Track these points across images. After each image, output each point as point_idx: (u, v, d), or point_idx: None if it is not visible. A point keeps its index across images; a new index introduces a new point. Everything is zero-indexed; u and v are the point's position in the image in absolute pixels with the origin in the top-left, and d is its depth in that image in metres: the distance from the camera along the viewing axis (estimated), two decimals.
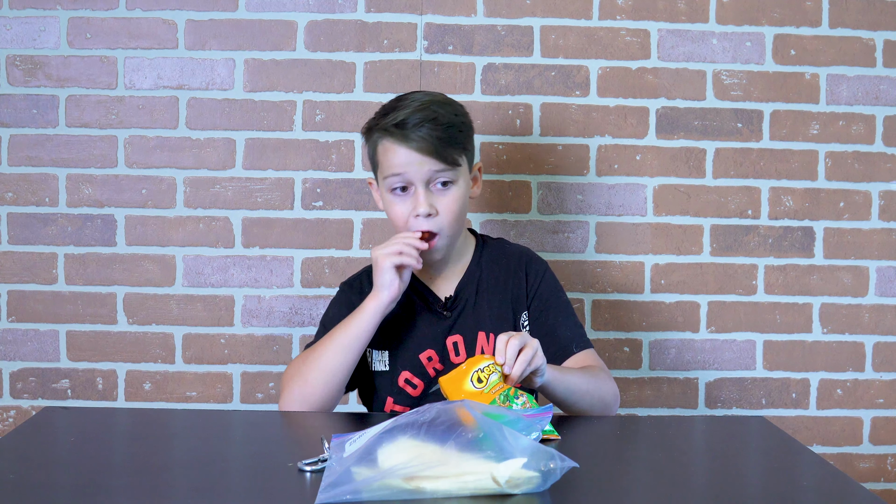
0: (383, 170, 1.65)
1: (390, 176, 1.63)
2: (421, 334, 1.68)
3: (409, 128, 1.61)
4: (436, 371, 1.66)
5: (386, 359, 1.68)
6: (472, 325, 1.68)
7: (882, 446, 2.14)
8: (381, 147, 1.65)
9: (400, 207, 1.64)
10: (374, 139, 1.66)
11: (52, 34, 2.05)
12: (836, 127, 2.11)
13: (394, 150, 1.63)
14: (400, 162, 1.62)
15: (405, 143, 1.61)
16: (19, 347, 2.07)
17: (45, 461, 1.27)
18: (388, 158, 1.63)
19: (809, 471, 1.32)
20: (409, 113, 1.63)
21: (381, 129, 1.64)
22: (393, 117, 1.63)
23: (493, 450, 1.14)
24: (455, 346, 1.68)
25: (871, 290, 2.13)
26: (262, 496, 1.16)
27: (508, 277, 1.73)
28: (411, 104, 1.65)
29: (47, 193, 2.06)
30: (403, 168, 1.62)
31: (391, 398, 1.67)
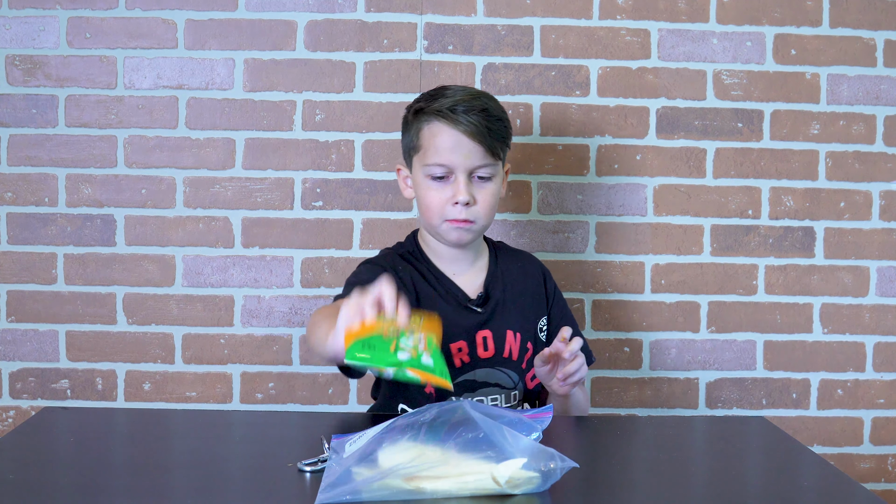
0: (426, 154, 1.64)
1: (433, 163, 1.63)
2: (453, 325, 1.67)
3: (460, 112, 1.61)
4: (462, 362, 1.67)
5: None
6: (502, 323, 1.71)
7: (882, 447, 2.14)
8: (429, 129, 1.63)
9: (437, 194, 1.64)
10: (420, 121, 1.64)
11: (52, 34, 2.04)
12: (836, 127, 2.11)
13: (444, 133, 1.62)
14: (448, 146, 1.62)
15: (456, 126, 1.61)
16: (19, 347, 2.07)
17: (45, 461, 1.27)
18: (436, 142, 1.62)
19: (810, 471, 1.32)
20: (460, 99, 1.63)
21: (434, 111, 1.62)
22: (442, 102, 1.63)
23: (493, 450, 1.14)
24: (484, 341, 1.69)
25: (872, 290, 2.13)
26: (261, 496, 1.15)
27: (528, 281, 1.78)
28: (461, 92, 1.66)
29: (47, 193, 2.06)
30: (449, 154, 1.62)
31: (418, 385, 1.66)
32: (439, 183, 1.64)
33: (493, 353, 1.69)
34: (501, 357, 1.70)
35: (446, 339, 1.66)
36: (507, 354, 1.70)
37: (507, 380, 1.71)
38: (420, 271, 1.71)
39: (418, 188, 1.67)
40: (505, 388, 1.70)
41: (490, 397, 1.68)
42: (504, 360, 1.70)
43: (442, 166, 1.63)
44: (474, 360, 1.68)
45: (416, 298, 1.66)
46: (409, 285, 1.67)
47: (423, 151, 1.65)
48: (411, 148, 1.68)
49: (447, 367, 1.21)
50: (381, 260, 1.73)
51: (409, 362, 1.17)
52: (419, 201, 1.69)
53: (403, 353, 1.18)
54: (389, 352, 1.17)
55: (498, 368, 1.70)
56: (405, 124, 1.70)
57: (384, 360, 1.16)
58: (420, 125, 1.65)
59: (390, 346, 1.18)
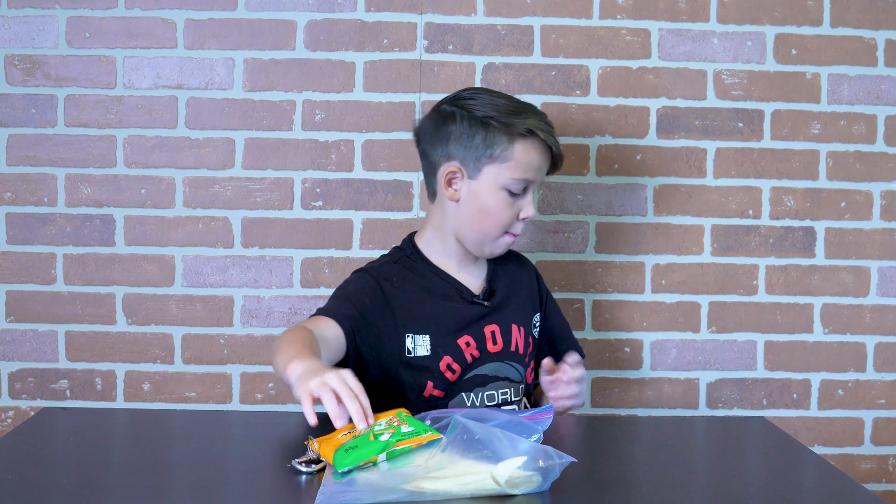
0: (515, 168, 1.63)
1: (522, 178, 1.64)
2: (459, 320, 1.69)
3: (551, 133, 1.66)
4: (472, 357, 1.68)
5: (428, 343, 1.66)
6: (507, 318, 1.73)
7: (883, 447, 2.14)
8: (524, 145, 1.63)
9: (510, 210, 1.66)
10: (517, 133, 1.63)
11: (51, 33, 2.04)
12: (837, 126, 2.11)
13: (538, 151, 1.65)
14: (538, 165, 1.65)
15: (550, 146, 1.65)
16: (18, 348, 2.07)
17: (44, 461, 1.26)
18: (529, 158, 1.64)
19: (810, 471, 1.32)
20: (542, 117, 1.67)
21: (535, 128, 1.63)
22: (534, 119, 1.65)
23: (492, 450, 1.13)
24: (493, 335, 1.70)
25: (873, 291, 2.13)
26: (261, 496, 1.15)
27: (524, 278, 1.82)
28: (530, 107, 1.69)
29: (46, 193, 2.06)
30: (537, 171, 1.65)
31: (431, 382, 1.66)
32: (514, 197, 1.65)
33: (502, 347, 1.71)
34: (509, 350, 1.71)
35: (455, 333, 1.67)
36: (514, 348, 1.72)
37: (514, 373, 1.73)
38: (421, 273, 1.71)
39: (485, 196, 1.65)
40: (513, 381, 1.72)
41: (500, 391, 1.70)
42: (511, 354, 1.72)
43: (528, 181, 1.65)
44: (484, 355, 1.69)
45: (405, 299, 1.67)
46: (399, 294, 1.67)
47: (511, 164, 1.63)
48: (488, 156, 1.64)
49: (427, 425, 1.25)
50: (372, 270, 1.72)
51: (393, 438, 1.21)
52: (479, 212, 1.66)
53: (384, 436, 1.22)
54: (370, 441, 1.21)
55: (506, 362, 1.71)
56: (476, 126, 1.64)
57: (371, 452, 1.19)
58: (514, 138, 1.63)
59: (369, 438, 1.22)
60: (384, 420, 1.27)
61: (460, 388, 1.67)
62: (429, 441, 1.20)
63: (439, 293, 1.70)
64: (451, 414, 1.25)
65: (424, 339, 1.66)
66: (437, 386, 1.66)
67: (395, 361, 1.66)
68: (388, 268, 1.72)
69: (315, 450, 1.23)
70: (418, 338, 1.67)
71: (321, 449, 1.23)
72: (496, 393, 1.69)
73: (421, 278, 1.70)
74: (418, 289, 1.69)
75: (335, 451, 1.20)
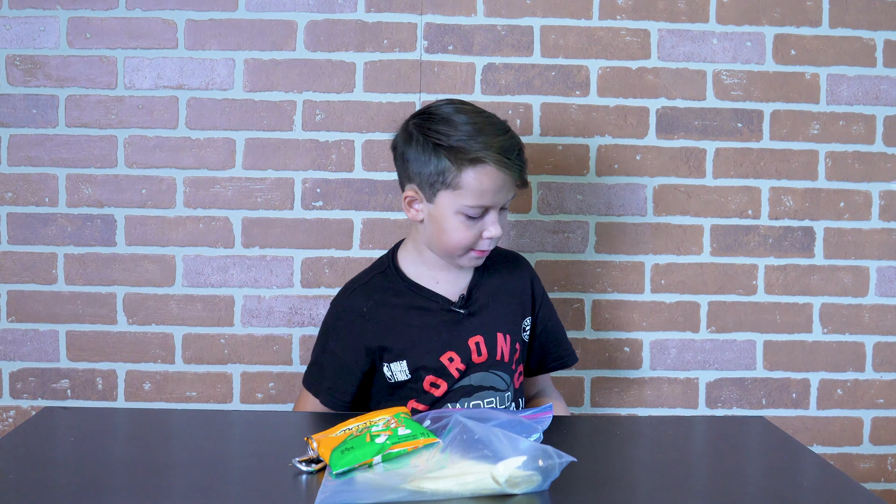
0: (466, 195, 1.59)
1: (475, 205, 1.59)
2: (438, 337, 1.67)
3: (513, 156, 1.59)
4: (459, 371, 1.67)
5: (406, 367, 1.67)
6: (492, 326, 1.70)
7: (882, 446, 2.14)
8: (475, 172, 1.57)
9: (470, 232, 1.62)
10: (463, 161, 1.58)
11: (52, 34, 2.04)
12: (836, 127, 2.11)
13: (493, 178, 1.58)
14: (494, 189, 1.59)
15: (509, 171, 1.59)
16: (19, 347, 2.07)
17: (45, 461, 1.27)
18: (482, 185, 1.58)
19: (810, 471, 1.32)
20: (507, 139, 1.60)
21: (490, 155, 1.57)
22: (495, 142, 1.58)
23: (492, 450, 1.14)
24: (477, 346, 1.68)
25: (872, 290, 2.13)
26: (261, 496, 1.16)
27: (515, 281, 1.78)
28: (500, 128, 1.62)
29: (47, 193, 2.06)
30: (494, 196, 1.60)
31: (413, 399, 1.67)
32: (473, 220, 1.61)
33: (487, 357, 1.69)
34: (495, 360, 1.70)
35: (436, 352, 1.66)
36: (499, 357, 1.70)
37: (500, 382, 1.71)
38: (392, 289, 1.70)
39: (443, 221, 1.63)
40: (499, 390, 1.70)
41: (486, 400, 1.69)
42: (497, 363, 1.70)
43: (483, 207, 1.60)
44: (469, 367, 1.68)
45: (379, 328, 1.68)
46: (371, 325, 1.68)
47: (462, 191, 1.59)
48: (440, 182, 1.60)
49: (426, 428, 1.26)
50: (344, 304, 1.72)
51: (389, 441, 1.21)
52: (440, 233, 1.64)
53: (380, 438, 1.22)
54: (367, 442, 1.21)
55: (492, 371, 1.70)
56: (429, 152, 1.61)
57: (367, 453, 1.20)
58: (463, 165, 1.58)
59: (365, 439, 1.22)
60: (382, 421, 1.27)
61: (446, 399, 1.67)
62: (425, 444, 1.21)
63: (416, 307, 1.68)
64: (451, 414, 1.26)
65: (402, 364, 1.67)
66: (421, 401, 1.67)
67: (380, 386, 1.69)
68: (358, 296, 1.71)
69: (315, 448, 1.23)
70: (395, 365, 1.67)
71: (320, 448, 1.23)
72: (482, 402, 1.68)
73: (395, 296, 1.69)
74: (391, 310, 1.68)
75: (331, 451, 1.21)
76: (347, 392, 1.70)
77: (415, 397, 1.67)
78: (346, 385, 1.70)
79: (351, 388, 1.70)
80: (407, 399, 1.67)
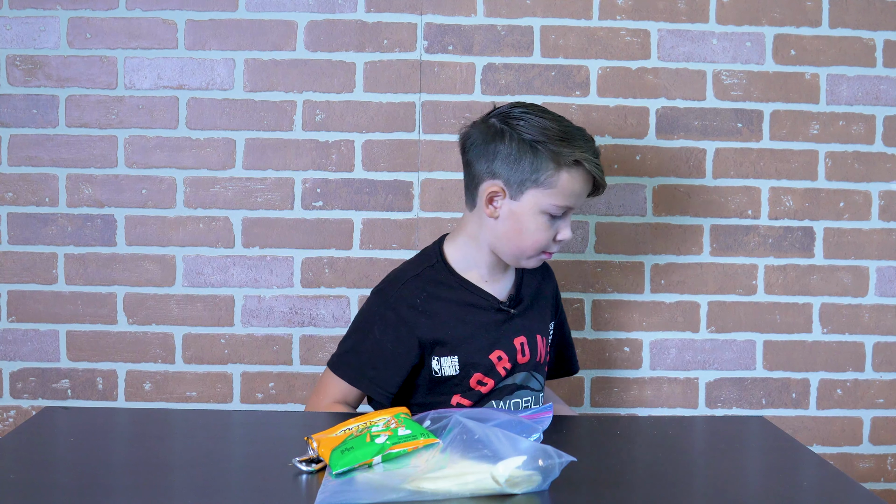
0: (557, 195, 1.62)
1: (564, 205, 1.63)
2: (488, 335, 1.68)
3: (598, 162, 1.64)
4: (506, 370, 1.68)
5: (456, 363, 1.66)
6: (532, 328, 1.73)
7: (882, 446, 2.14)
8: (570, 174, 1.61)
9: (548, 233, 1.64)
10: (563, 162, 1.61)
11: (52, 34, 2.04)
12: (836, 127, 2.11)
13: (583, 180, 1.63)
14: (580, 192, 1.64)
15: (600, 178, 1.64)
16: (19, 347, 2.07)
17: (45, 461, 1.27)
18: (574, 187, 1.62)
19: (809, 471, 1.32)
20: (595, 146, 1.66)
21: (588, 158, 1.62)
22: (590, 147, 1.64)
23: (492, 450, 1.14)
24: (522, 347, 1.70)
25: (871, 290, 2.13)
26: (261, 496, 1.16)
27: (547, 285, 1.81)
28: (586, 135, 1.67)
29: (47, 193, 2.06)
30: (579, 197, 1.64)
31: (459, 395, 1.67)
32: (551, 220, 1.64)
33: (530, 358, 1.71)
34: (535, 361, 1.72)
35: (486, 350, 1.67)
36: (539, 358, 1.72)
37: (536, 384, 1.73)
38: (444, 283, 1.69)
39: (525, 219, 1.63)
40: (534, 390, 1.73)
41: (524, 399, 1.71)
42: (536, 364, 1.72)
43: (568, 208, 1.64)
44: (515, 367, 1.69)
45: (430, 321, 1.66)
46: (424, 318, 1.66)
47: (555, 190, 1.61)
48: (533, 180, 1.62)
49: (425, 428, 1.25)
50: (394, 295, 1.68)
51: (389, 441, 1.21)
52: (518, 232, 1.65)
53: (380, 438, 1.22)
54: (367, 443, 1.21)
55: (532, 372, 1.72)
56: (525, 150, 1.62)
57: (367, 453, 1.20)
58: (561, 166, 1.61)
59: (365, 439, 1.22)
60: (382, 421, 1.27)
61: (491, 397, 1.68)
62: (425, 445, 1.21)
63: (467, 304, 1.68)
64: (451, 414, 1.26)
65: (452, 360, 1.66)
66: (467, 397, 1.67)
67: (422, 380, 1.68)
68: (411, 287, 1.68)
69: (315, 448, 1.23)
70: (444, 360, 1.66)
71: (320, 447, 1.23)
72: (521, 401, 1.70)
73: (446, 291, 1.69)
74: (444, 305, 1.67)
75: (331, 451, 1.21)
76: (393, 384, 1.67)
77: (459, 393, 1.67)
78: (392, 377, 1.67)
79: (398, 379, 1.67)
80: (450, 395, 1.67)
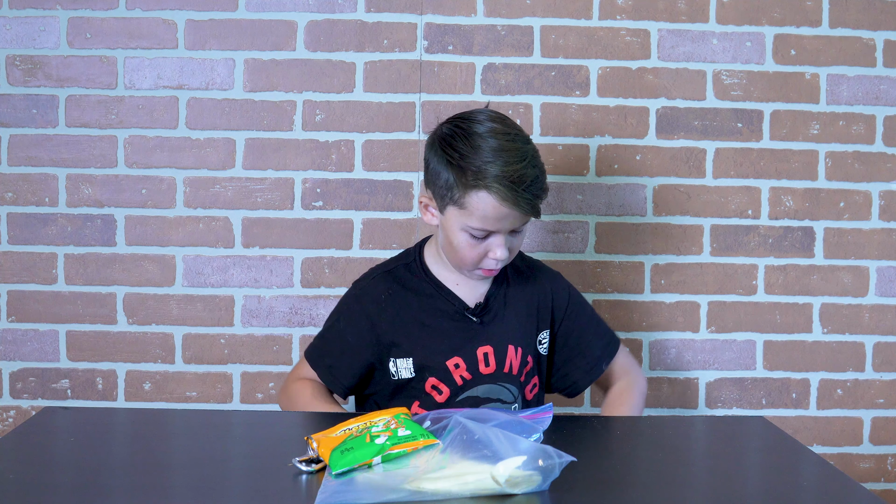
0: (470, 217, 1.55)
1: (478, 227, 1.55)
2: (448, 341, 1.66)
3: (520, 190, 1.52)
4: (463, 379, 1.65)
5: (410, 365, 1.65)
6: (503, 337, 1.67)
7: (882, 446, 2.14)
8: (479, 197, 1.53)
9: (473, 250, 1.59)
10: (469, 183, 1.53)
11: (52, 34, 2.04)
12: (836, 127, 2.11)
13: (495, 206, 1.53)
14: (498, 216, 1.54)
15: (510, 205, 1.53)
16: (19, 347, 2.07)
17: (45, 461, 1.27)
18: (485, 210, 1.54)
19: (809, 471, 1.32)
20: (520, 169, 1.52)
21: (493, 185, 1.51)
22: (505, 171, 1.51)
23: (492, 450, 1.14)
24: (486, 357, 1.66)
25: (872, 290, 2.13)
26: (261, 496, 1.16)
27: (534, 293, 1.73)
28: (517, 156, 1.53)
29: (47, 193, 2.06)
30: (497, 222, 1.55)
31: (417, 401, 1.66)
32: (476, 240, 1.58)
33: (495, 369, 1.66)
34: (502, 372, 1.67)
35: (443, 355, 1.66)
36: (507, 370, 1.68)
37: (507, 394, 1.69)
38: (413, 284, 1.69)
39: (451, 234, 1.60)
40: (505, 402, 1.69)
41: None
42: (504, 375, 1.68)
43: (486, 231, 1.56)
44: (476, 377, 1.66)
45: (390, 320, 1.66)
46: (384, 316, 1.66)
47: (466, 212, 1.55)
48: (450, 198, 1.57)
49: (425, 431, 1.25)
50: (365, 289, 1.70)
51: (388, 441, 1.21)
52: (449, 245, 1.62)
53: (380, 438, 1.22)
54: (366, 443, 1.21)
55: (499, 384, 1.68)
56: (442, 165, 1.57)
57: (366, 454, 1.20)
58: (469, 187, 1.53)
59: (365, 440, 1.22)
60: (382, 421, 1.27)
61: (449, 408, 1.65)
62: (425, 446, 1.21)
63: (432, 306, 1.67)
64: (451, 414, 1.26)
65: (407, 361, 1.65)
66: (424, 405, 1.65)
67: (385, 382, 1.68)
68: (379, 283, 1.69)
69: (315, 448, 1.23)
70: (400, 361, 1.65)
71: (320, 447, 1.23)
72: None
73: (415, 290, 1.68)
74: (406, 305, 1.67)
75: (331, 451, 1.21)
76: (346, 375, 1.68)
77: (418, 399, 1.66)
78: (345, 368, 1.68)
79: (350, 371, 1.68)
80: (410, 400, 1.66)
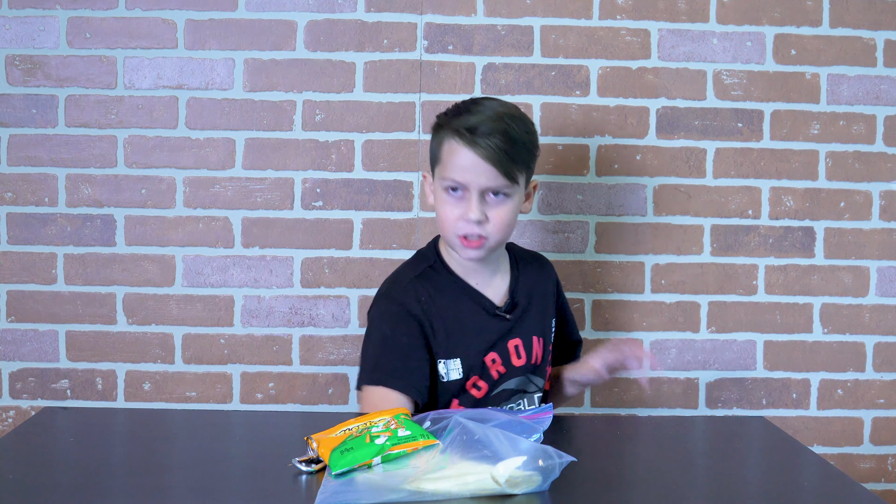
0: (443, 168, 1.63)
1: (449, 177, 1.62)
2: (484, 337, 1.67)
3: (479, 134, 1.59)
4: (499, 374, 1.67)
5: (459, 366, 1.65)
6: (528, 330, 1.71)
7: (883, 446, 2.14)
8: (447, 146, 1.62)
9: (451, 209, 1.62)
10: (441, 135, 1.64)
11: (52, 34, 2.04)
12: (836, 127, 2.11)
13: (459, 153, 1.60)
14: (462, 165, 1.60)
15: (472, 149, 1.59)
16: (19, 347, 2.07)
17: (45, 461, 1.27)
18: (452, 159, 1.61)
19: (810, 471, 1.32)
20: (481, 119, 1.61)
21: (452, 129, 1.61)
22: (465, 120, 1.61)
23: (492, 450, 1.14)
24: (516, 349, 1.69)
25: (872, 290, 2.13)
26: (261, 496, 1.16)
27: (545, 284, 1.79)
28: (486, 111, 1.63)
29: (47, 193, 2.06)
30: (463, 172, 1.60)
31: (457, 400, 1.66)
32: (455, 196, 1.62)
33: (525, 361, 1.69)
34: (531, 363, 1.70)
35: (482, 352, 1.66)
36: (534, 360, 1.71)
37: (533, 387, 1.72)
38: (443, 285, 1.68)
39: (436, 196, 1.66)
40: (529, 392, 1.72)
41: (517, 403, 1.70)
42: (533, 367, 1.71)
43: (456, 182, 1.61)
44: (510, 370, 1.68)
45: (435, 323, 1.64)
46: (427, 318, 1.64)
47: (441, 165, 1.63)
48: (434, 158, 1.67)
49: (425, 430, 1.26)
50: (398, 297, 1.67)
51: (389, 442, 1.22)
52: (437, 212, 1.67)
53: (380, 439, 1.22)
54: (366, 443, 1.22)
55: (528, 376, 1.70)
56: (432, 134, 1.68)
57: (367, 454, 1.20)
58: (441, 139, 1.64)
59: (365, 440, 1.22)
60: (382, 422, 1.27)
61: (487, 404, 1.66)
62: (425, 446, 1.21)
63: (465, 308, 1.68)
64: (451, 414, 1.26)
65: (456, 362, 1.65)
66: (463, 403, 1.66)
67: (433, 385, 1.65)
68: (412, 288, 1.67)
69: (315, 448, 1.23)
70: (450, 362, 1.65)
71: (320, 448, 1.23)
72: (514, 406, 1.69)
73: (445, 294, 1.68)
74: (444, 307, 1.66)
75: (331, 452, 1.21)
76: (420, 376, 1.62)
77: (458, 398, 1.66)
78: (416, 367, 1.62)
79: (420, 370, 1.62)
80: (451, 397, 1.65)
